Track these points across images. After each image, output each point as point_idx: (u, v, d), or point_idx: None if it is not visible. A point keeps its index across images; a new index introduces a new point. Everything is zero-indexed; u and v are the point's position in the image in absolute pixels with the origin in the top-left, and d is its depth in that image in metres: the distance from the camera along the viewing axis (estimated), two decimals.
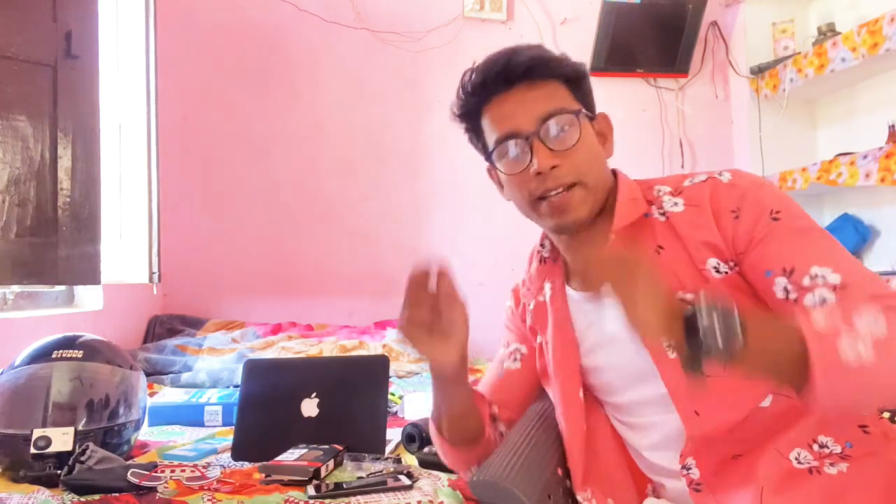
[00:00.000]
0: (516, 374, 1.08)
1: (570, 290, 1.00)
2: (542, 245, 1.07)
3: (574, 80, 0.94)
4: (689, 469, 0.86)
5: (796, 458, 0.81)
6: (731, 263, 0.86)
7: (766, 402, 0.84)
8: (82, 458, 1.14)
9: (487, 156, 0.96)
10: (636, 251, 0.85)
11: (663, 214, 0.91)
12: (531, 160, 0.89)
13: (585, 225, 0.93)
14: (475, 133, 0.98)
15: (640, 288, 0.71)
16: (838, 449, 0.81)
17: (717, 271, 0.85)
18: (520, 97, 0.91)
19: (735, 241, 0.85)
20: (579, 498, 0.95)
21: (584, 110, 0.93)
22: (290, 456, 1.21)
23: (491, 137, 0.94)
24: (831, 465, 0.80)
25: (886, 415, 0.90)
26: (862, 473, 0.79)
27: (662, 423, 0.91)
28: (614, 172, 1.00)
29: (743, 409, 0.84)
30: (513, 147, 0.91)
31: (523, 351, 1.09)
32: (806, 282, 0.78)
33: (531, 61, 0.90)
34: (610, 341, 0.95)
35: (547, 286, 1.04)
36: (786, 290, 0.80)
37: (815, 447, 0.81)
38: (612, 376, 0.97)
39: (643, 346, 0.89)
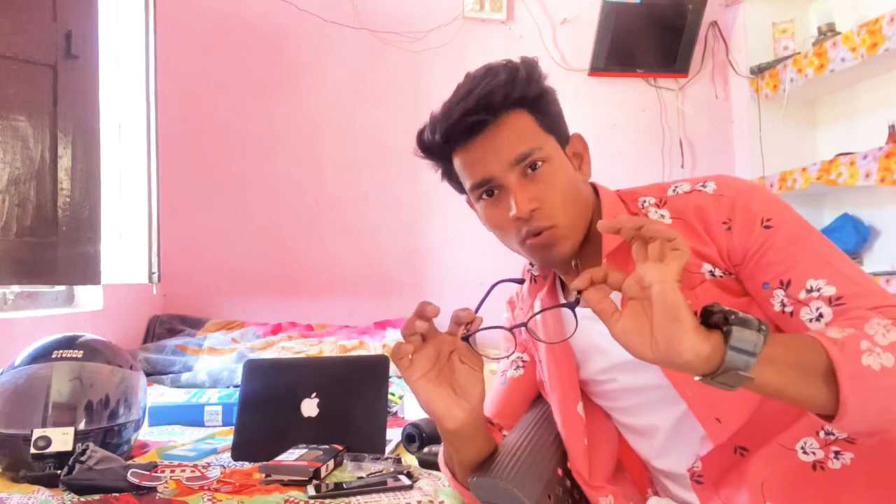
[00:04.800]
0: (520, 380, 1.09)
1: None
2: (531, 263, 1.06)
3: (538, 104, 0.90)
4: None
5: (802, 448, 0.80)
6: (727, 272, 0.84)
7: None
8: (82, 458, 1.14)
9: (466, 195, 0.95)
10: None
11: None
12: (510, 205, 0.87)
13: (572, 256, 0.91)
14: (447, 173, 0.97)
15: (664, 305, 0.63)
16: (844, 434, 0.80)
17: (713, 275, 0.84)
18: (488, 142, 0.88)
19: (730, 253, 0.83)
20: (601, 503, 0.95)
21: (554, 138, 0.91)
22: (290, 456, 1.21)
23: (465, 182, 0.93)
24: (836, 456, 0.79)
25: None
26: (866, 468, 0.78)
27: (665, 423, 0.91)
28: (595, 188, 0.97)
29: (752, 405, 0.83)
30: (490, 192, 0.90)
31: (525, 358, 1.09)
32: (802, 295, 0.78)
33: (488, 102, 0.87)
34: (607, 353, 0.95)
35: (537, 304, 1.03)
36: (783, 303, 0.79)
37: (822, 434, 0.80)
38: (614, 386, 0.97)
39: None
